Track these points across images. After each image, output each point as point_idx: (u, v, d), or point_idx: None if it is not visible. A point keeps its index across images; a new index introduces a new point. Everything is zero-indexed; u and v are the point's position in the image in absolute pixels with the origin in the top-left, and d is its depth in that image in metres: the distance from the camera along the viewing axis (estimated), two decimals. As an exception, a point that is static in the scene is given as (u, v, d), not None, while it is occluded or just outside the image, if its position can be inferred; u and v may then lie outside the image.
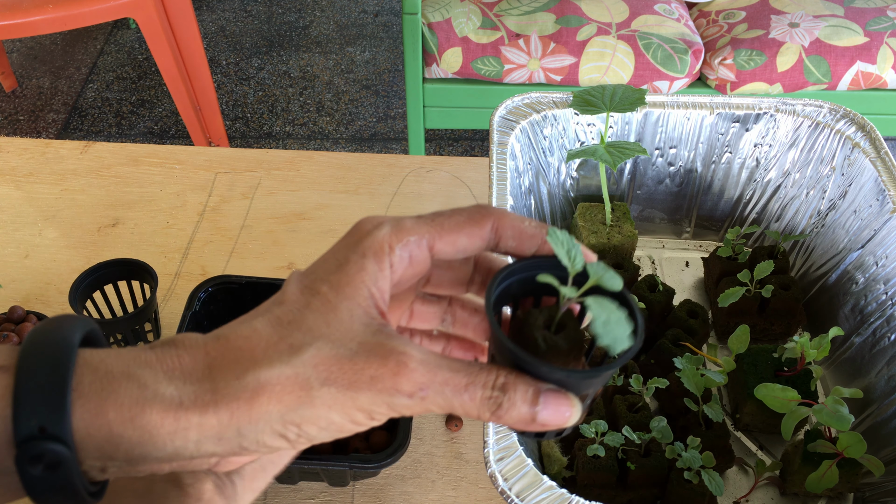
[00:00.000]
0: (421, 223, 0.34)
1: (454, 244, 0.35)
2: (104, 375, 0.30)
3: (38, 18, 1.67)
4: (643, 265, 0.91)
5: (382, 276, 0.33)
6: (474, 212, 0.35)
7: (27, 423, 0.29)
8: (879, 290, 0.75)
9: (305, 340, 0.31)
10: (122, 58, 2.59)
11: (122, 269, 0.79)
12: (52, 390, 0.29)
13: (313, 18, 2.74)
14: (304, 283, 0.33)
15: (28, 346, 0.31)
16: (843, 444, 0.65)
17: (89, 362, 0.31)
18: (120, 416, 0.30)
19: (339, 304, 0.32)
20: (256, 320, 0.33)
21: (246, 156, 1.02)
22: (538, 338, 0.33)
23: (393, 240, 0.33)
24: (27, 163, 1.01)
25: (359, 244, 0.33)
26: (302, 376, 0.31)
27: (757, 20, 1.82)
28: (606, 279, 0.33)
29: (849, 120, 0.83)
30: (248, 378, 0.31)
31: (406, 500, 0.71)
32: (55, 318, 0.32)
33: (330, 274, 0.33)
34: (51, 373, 0.30)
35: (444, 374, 0.32)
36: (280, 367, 0.31)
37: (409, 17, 1.68)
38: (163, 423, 0.30)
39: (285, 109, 2.40)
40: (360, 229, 0.34)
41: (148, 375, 0.31)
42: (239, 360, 0.31)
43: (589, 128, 0.86)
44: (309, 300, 0.32)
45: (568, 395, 0.33)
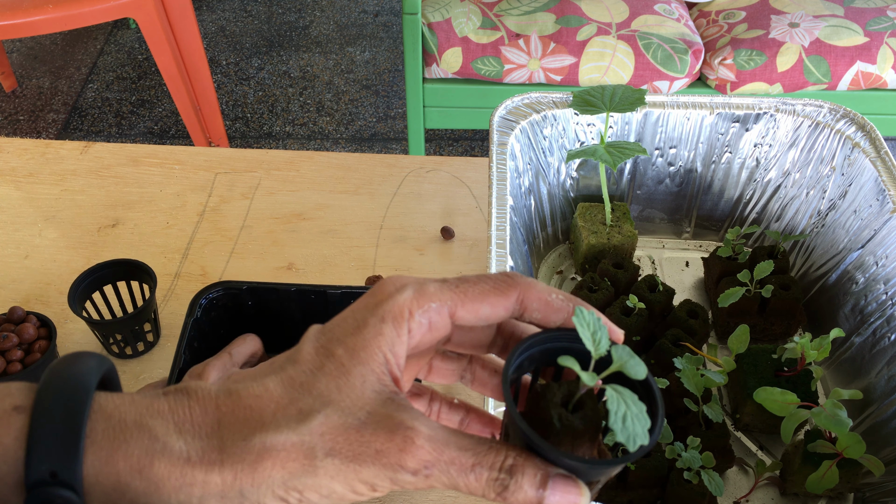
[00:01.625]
0: (444, 289, 0.34)
1: (476, 313, 0.34)
2: (117, 424, 0.31)
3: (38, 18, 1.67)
4: (643, 265, 0.91)
5: (399, 341, 0.33)
6: (500, 281, 0.34)
7: (39, 467, 0.29)
8: (879, 290, 0.75)
9: (315, 406, 0.31)
10: (122, 58, 2.59)
11: (122, 270, 0.79)
12: (66, 436, 0.29)
13: (313, 18, 2.74)
14: (321, 342, 0.33)
15: (45, 388, 0.31)
16: (842, 445, 0.65)
17: (104, 408, 0.31)
18: (129, 467, 0.30)
19: (353, 368, 0.32)
20: (269, 379, 0.32)
21: (246, 156, 1.02)
22: (553, 416, 0.32)
23: (414, 306, 0.33)
24: (27, 163, 1.01)
25: (378, 307, 0.33)
26: (307, 445, 0.31)
27: (757, 20, 1.82)
28: (630, 366, 0.32)
29: (849, 120, 0.83)
30: (255, 440, 0.31)
31: (406, 500, 0.70)
32: (73, 356, 0.32)
33: (347, 336, 0.33)
34: (66, 418, 0.30)
35: (451, 453, 0.31)
36: (287, 434, 0.31)
37: (409, 17, 1.68)
38: (169, 476, 0.30)
39: (285, 109, 2.40)
40: (382, 290, 0.34)
41: (159, 427, 0.31)
42: (248, 420, 0.31)
43: (589, 128, 0.86)
44: (323, 362, 0.32)
45: (577, 483, 0.32)
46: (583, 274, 0.87)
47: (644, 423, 0.30)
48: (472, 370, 0.39)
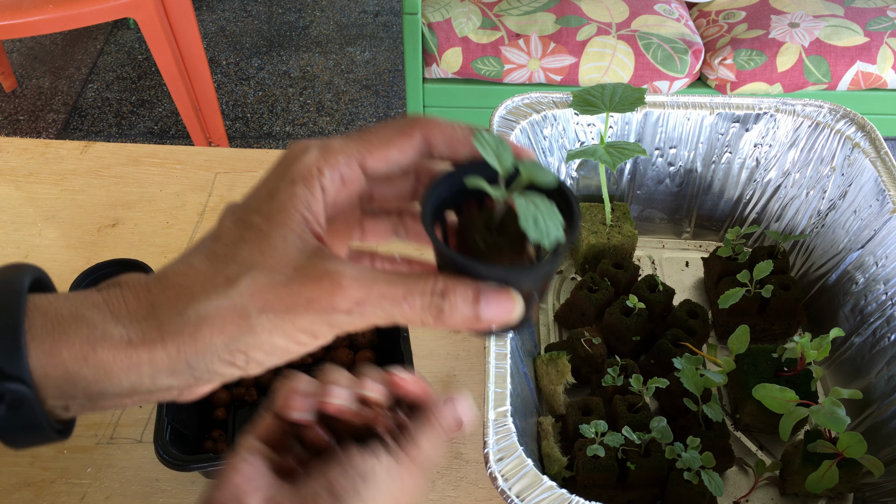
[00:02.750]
0: (349, 142, 0.34)
1: (386, 159, 0.35)
2: (54, 318, 0.32)
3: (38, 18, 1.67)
4: (643, 265, 0.91)
5: (314, 199, 0.33)
6: (402, 124, 0.35)
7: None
8: (879, 290, 0.75)
9: (240, 272, 0.32)
10: (122, 58, 2.59)
11: (122, 270, 0.79)
12: (5, 334, 0.31)
13: (313, 18, 2.75)
14: (238, 215, 0.34)
15: None
16: (843, 444, 0.65)
17: (39, 306, 0.32)
18: (73, 356, 0.31)
19: (272, 232, 0.33)
20: (193, 257, 0.34)
21: (246, 156, 1.02)
22: (478, 239, 0.33)
23: (321, 163, 0.34)
24: (27, 163, 1.01)
25: (287, 171, 0.34)
26: (239, 306, 0.32)
27: (757, 20, 1.82)
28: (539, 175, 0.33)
29: (849, 120, 0.83)
30: (189, 313, 0.32)
31: (406, 500, 0.70)
32: (4, 266, 0.34)
33: (262, 204, 0.34)
34: (3, 317, 0.31)
35: (381, 288, 0.32)
36: (217, 300, 0.32)
37: (409, 17, 1.68)
38: (115, 360, 0.32)
39: (285, 109, 2.40)
40: (287, 156, 0.35)
41: (96, 316, 0.32)
42: (179, 297, 0.32)
43: (589, 128, 0.86)
44: (242, 232, 0.33)
45: (509, 291, 0.33)
46: (583, 274, 0.87)
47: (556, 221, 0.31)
48: (403, 224, 0.41)
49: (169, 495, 0.71)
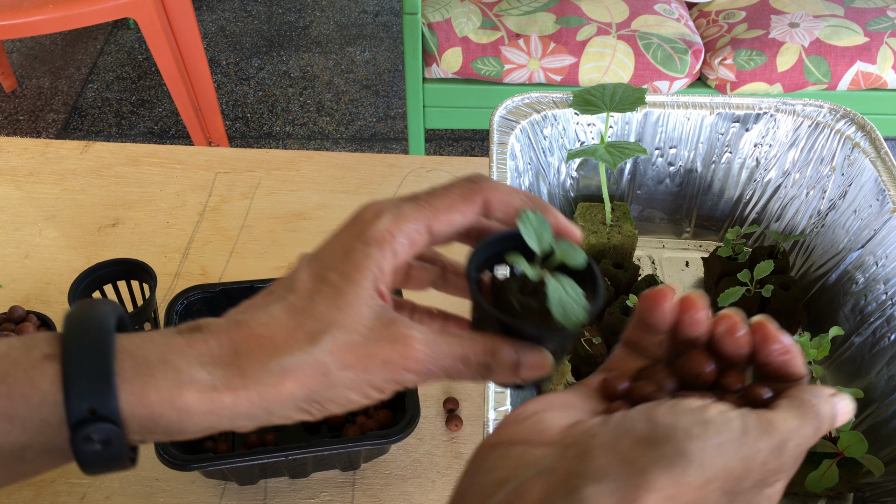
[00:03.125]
0: (418, 208, 0.37)
1: (450, 223, 0.37)
2: (143, 361, 0.33)
3: (38, 18, 1.67)
4: (643, 265, 0.91)
5: (385, 262, 0.36)
6: (466, 189, 0.37)
7: (79, 406, 0.32)
8: (879, 290, 0.75)
9: (320, 328, 0.34)
10: (122, 58, 2.59)
11: (122, 269, 0.79)
12: (99, 376, 0.32)
13: (313, 18, 2.75)
14: (314, 269, 0.36)
15: (69, 334, 0.34)
16: (843, 444, 0.65)
17: (127, 349, 0.34)
18: (160, 399, 0.33)
19: (347, 290, 0.35)
20: (273, 307, 0.35)
21: (246, 156, 1.02)
22: (513, 300, 0.37)
23: (395, 228, 0.36)
24: (27, 163, 1.01)
25: (362, 233, 0.36)
26: (321, 363, 0.34)
27: (757, 20, 1.82)
28: (571, 257, 0.37)
29: (849, 120, 0.83)
30: (273, 365, 0.34)
31: (406, 499, 0.71)
32: (86, 303, 0.35)
33: (337, 262, 0.36)
34: (96, 359, 0.33)
35: (443, 350, 0.35)
36: (301, 355, 0.34)
37: (409, 17, 1.68)
38: (199, 403, 0.33)
39: (285, 109, 2.40)
40: (362, 218, 0.37)
41: (181, 361, 0.34)
42: (262, 348, 0.34)
43: (589, 128, 0.86)
44: (319, 287, 0.35)
45: (542, 351, 0.37)
46: (583, 274, 0.87)
47: (581, 305, 0.36)
48: (444, 276, 0.43)
49: (169, 495, 0.71)
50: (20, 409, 0.32)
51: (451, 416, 0.77)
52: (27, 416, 0.32)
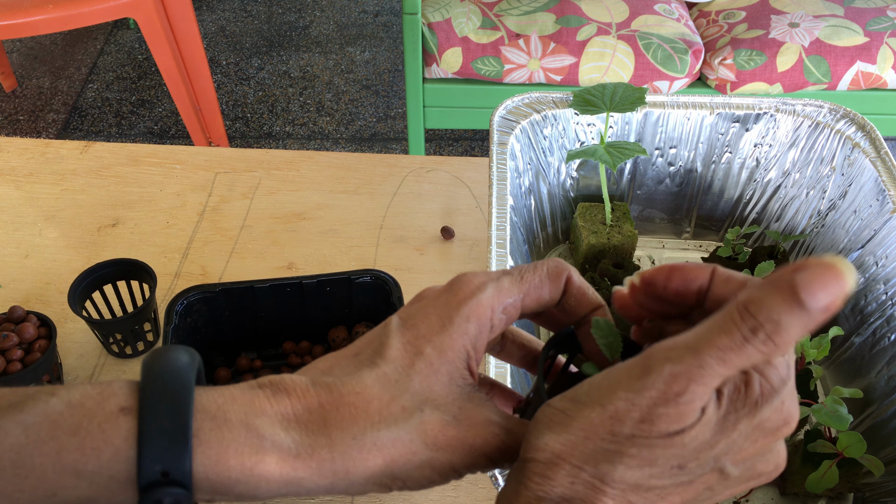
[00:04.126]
0: (515, 283, 0.37)
1: (539, 301, 0.37)
2: (223, 423, 0.32)
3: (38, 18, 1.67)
4: (643, 265, 0.91)
5: (481, 338, 0.35)
6: (553, 269, 0.38)
7: (151, 467, 0.30)
8: (879, 290, 0.75)
9: (415, 404, 0.34)
10: (122, 58, 2.59)
11: (122, 269, 0.79)
12: (175, 436, 0.31)
13: (313, 18, 2.74)
14: (407, 338, 0.35)
15: (148, 387, 0.32)
16: (843, 444, 0.65)
17: (207, 408, 0.32)
18: (239, 465, 0.31)
19: (441, 367, 0.34)
20: (365, 375, 0.34)
21: (246, 156, 1.02)
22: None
23: (496, 303, 0.36)
24: (27, 163, 1.01)
25: (462, 305, 0.35)
26: (413, 441, 0.33)
27: (757, 20, 1.82)
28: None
29: (849, 120, 0.83)
30: (367, 438, 0.33)
31: (406, 500, 0.70)
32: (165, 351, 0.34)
33: (433, 334, 0.35)
34: (173, 417, 0.31)
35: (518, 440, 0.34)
36: (395, 431, 0.33)
37: (409, 17, 1.68)
38: (280, 471, 0.32)
39: (285, 109, 2.40)
40: (463, 289, 0.36)
41: (265, 425, 0.32)
42: (355, 418, 0.33)
43: (589, 128, 0.86)
44: (413, 360, 0.34)
45: None
46: (583, 274, 0.87)
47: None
48: (502, 343, 0.42)
49: (169, 495, 0.71)
50: (91, 463, 0.31)
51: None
52: (96, 472, 0.31)
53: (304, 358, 0.76)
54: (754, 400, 0.30)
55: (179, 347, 0.34)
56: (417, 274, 0.88)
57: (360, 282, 0.74)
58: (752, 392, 0.30)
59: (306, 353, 0.77)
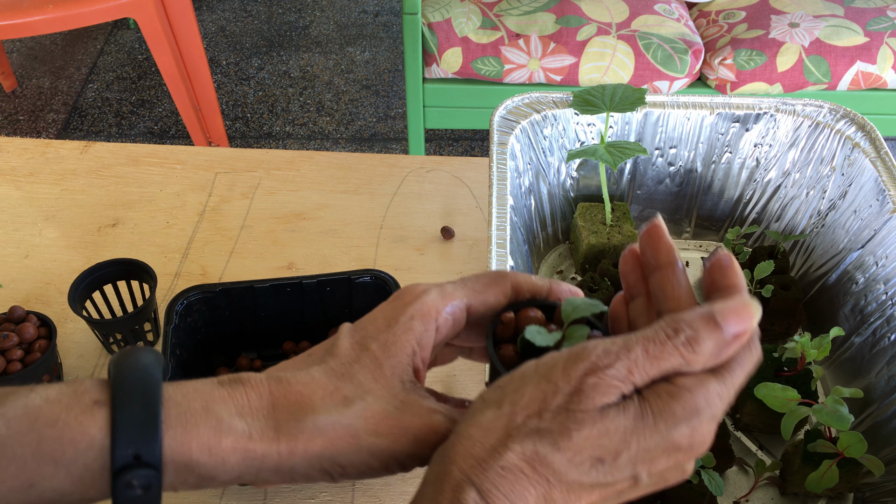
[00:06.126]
0: (457, 288, 0.39)
1: (485, 303, 0.40)
2: (187, 410, 0.35)
3: (38, 18, 1.67)
4: (643, 265, 0.91)
5: (427, 335, 0.38)
6: (496, 275, 0.41)
7: (125, 451, 0.33)
8: (879, 290, 0.75)
9: (357, 394, 0.36)
10: (122, 58, 2.59)
11: (122, 269, 0.79)
12: (146, 423, 0.34)
13: (313, 18, 2.74)
14: (355, 338, 0.38)
15: (119, 382, 0.35)
16: (843, 444, 0.65)
17: (172, 398, 0.35)
18: (200, 446, 0.34)
19: (385, 361, 0.37)
20: (313, 369, 0.37)
21: (246, 156, 1.02)
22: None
23: (440, 304, 0.38)
24: (27, 163, 1.01)
25: (407, 307, 0.38)
26: (353, 427, 0.35)
27: (757, 20, 1.82)
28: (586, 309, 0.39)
29: (849, 120, 0.83)
30: (307, 421, 0.35)
31: (406, 500, 0.70)
32: (131, 351, 0.36)
33: (379, 332, 0.38)
34: (144, 407, 0.34)
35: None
36: (335, 416, 0.35)
37: (409, 17, 1.68)
38: (234, 451, 0.35)
39: (285, 109, 2.40)
40: (409, 293, 0.39)
41: (223, 411, 0.35)
42: (299, 404, 0.36)
43: (589, 128, 0.86)
44: (359, 355, 0.37)
45: None
46: (583, 274, 0.87)
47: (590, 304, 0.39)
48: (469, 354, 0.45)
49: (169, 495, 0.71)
50: (68, 453, 0.33)
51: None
52: (73, 461, 0.33)
53: (304, 358, 0.77)
54: (672, 411, 0.32)
55: (145, 348, 0.37)
56: (417, 274, 0.88)
57: (360, 282, 0.74)
58: (673, 404, 0.33)
59: (306, 353, 0.77)
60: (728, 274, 0.36)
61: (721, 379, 0.33)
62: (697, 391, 0.33)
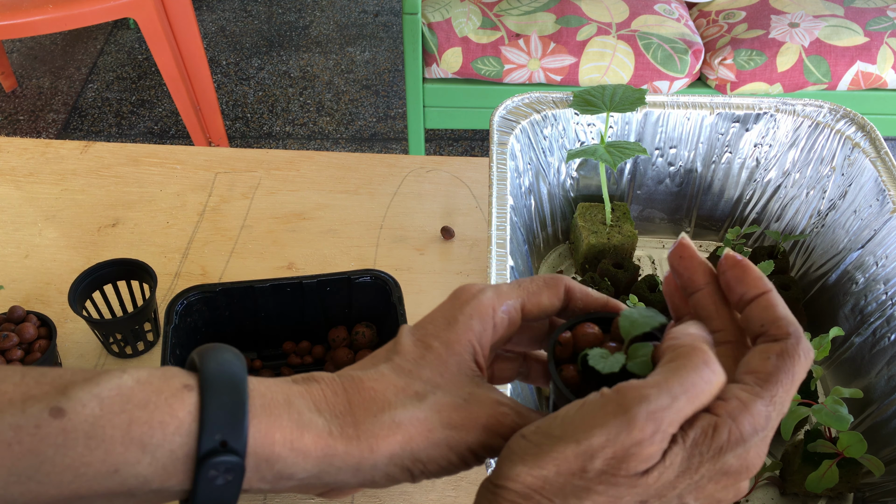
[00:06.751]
0: (512, 288, 0.40)
1: (539, 305, 0.40)
2: (270, 402, 0.35)
3: (38, 18, 1.67)
4: (643, 265, 0.91)
5: (485, 334, 0.38)
6: (550, 278, 0.41)
7: (212, 437, 0.33)
8: (879, 290, 0.75)
9: (426, 389, 0.37)
10: (122, 58, 2.59)
11: (122, 269, 0.79)
12: (234, 410, 0.34)
13: (313, 18, 2.74)
14: (417, 336, 0.39)
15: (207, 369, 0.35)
16: (843, 444, 0.65)
17: (256, 389, 0.35)
18: (283, 438, 0.34)
19: (449, 358, 0.38)
20: (382, 366, 0.38)
21: (246, 156, 1.02)
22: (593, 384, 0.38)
23: (496, 303, 0.39)
24: (27, 163, 1.01)
25: (465, 306, 0.39)
26: (429, 419, 0.36)
27: (757, 20, 1.82)
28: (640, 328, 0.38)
29: (849, 120, 0.83)
30: (385, 417, 0.36)
31: (406, 500, 0.70)
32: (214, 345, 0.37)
33: (440, 331, 0.38)
34: (232, 394, 0.34)
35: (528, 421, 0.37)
36: (411, 410, 0.36)
37: (409, 17, 1.68)
38: (315, 447, 0.35)
39: (285, 109, 2.40)
40: (465, 292, 0.40)
41: (303, 406, 0.35)
42: (374, 401, 0.36)
43: (589, 128, 0.86)
44: (423, 353, 0.38)
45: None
46: (583, 274, 0.87)
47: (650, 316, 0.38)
48: (527, 366, 0.44)
49: (169, 495, 0.71)
50: (156, 437, 0.33)
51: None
52: (159, 446, 0.33)
53: (304, 358, 0.76)
54: (719, 446, 0.32)
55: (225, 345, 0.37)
56: (417, 274, 0.89)
57: (360, 282, 0.74)
58: (719, 438, 0.32)
59: (306, 353, 0.77)
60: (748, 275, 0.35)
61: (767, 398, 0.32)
62: (742, 419, 0.32)
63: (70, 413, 0.32)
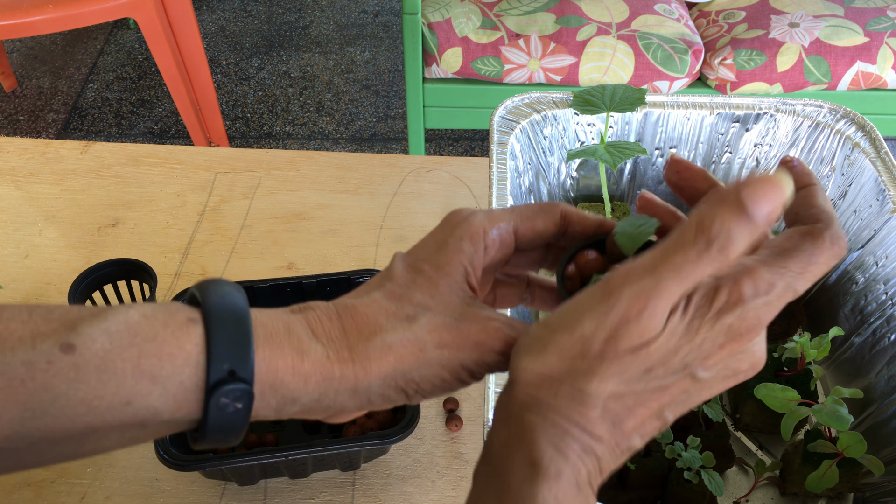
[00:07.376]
0: (506, 211, 0.40)
1: (533, 229, 0.40)
2: (272, 331, 0.36)
3: (38, 18, 1.67)
4: (643, 265, 0.91)
5: (477, 256, 0.39)
6: (545, 203, 0.41)
7: (220, 367, 0.34)
8: (879, 290, 0.75)
9: (417, 311, 0.37)
10: (122, 58, 2.59)
11: (122, 269, 0.79)
12: (240, 340, 0.34)
13: (313, 18, 2.75)
14: (408, 262, 0.39)
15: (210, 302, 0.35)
16: (843, 444, 0.65)
17: (258, 318, 0.36)
18: (285, 365, 0.35)
19: (440, 280, 0.38)
20: (373, 293, 0.38)
21: (246, 156, 1.02)
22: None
23: (487, 225, 0.39)
24: (27, 163, 1.01)
25: (456, 228, 0.39)
26: (420, 340, 0.36)
27: (757, 20, 1.82)
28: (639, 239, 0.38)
29: (849, 120, 0.83)
30: (377, 340, 0.36)
31: (406, 500, 0.71)
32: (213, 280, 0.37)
33: (430, 255, 0.39)
34: (236, 325, 0.35)
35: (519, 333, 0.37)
36: (401, 332, 0.36)
37: (409, 17, 1.68)
38: (314, 372, 0.36)
39: (285, 109, 2.40)
40: (456, 216, 0.40)
41: (302, 333, 0.36)
42: (367, 325, 0.37)
43: (589, 128, 0.86)
44: (414, 277, 0.38)
45: None
46: (583, 274, 0.87)
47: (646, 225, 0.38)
48: (531, 291, 0.45)
49: (169, 495, 0.71)
50: (166, 369, 0.33)
51: (451, 416, 0.77)
52: (169, 378, 0.33)
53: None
54: (718, 307, 0.32)
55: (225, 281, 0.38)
56: (417, 274, 0.88)
57: (360, 282, 0.74)
58: (718, 300, 0.32)
59: (306, 353, 0.77)
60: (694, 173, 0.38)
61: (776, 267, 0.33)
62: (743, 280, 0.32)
63: (80, 348, 0.32)
